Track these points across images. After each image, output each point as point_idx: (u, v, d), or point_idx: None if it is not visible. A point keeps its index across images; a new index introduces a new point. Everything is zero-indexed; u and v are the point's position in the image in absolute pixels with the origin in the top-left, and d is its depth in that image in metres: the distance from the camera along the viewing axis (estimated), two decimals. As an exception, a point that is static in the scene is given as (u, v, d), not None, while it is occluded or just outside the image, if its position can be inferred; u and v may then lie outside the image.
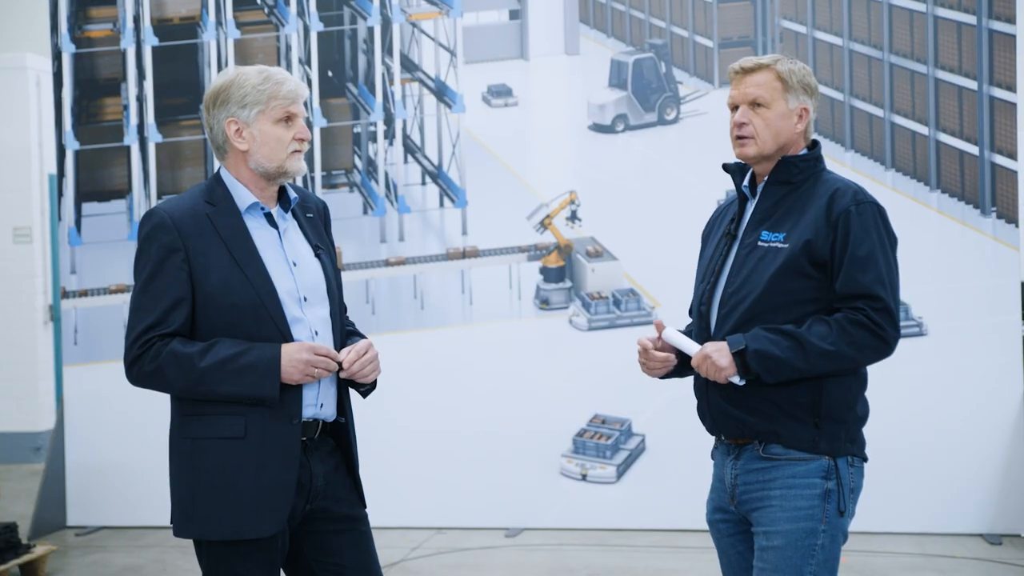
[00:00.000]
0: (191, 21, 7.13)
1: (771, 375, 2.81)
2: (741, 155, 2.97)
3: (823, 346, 2.78)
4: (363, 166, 7.02)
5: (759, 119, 2.93)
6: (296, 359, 2.78)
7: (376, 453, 6.75)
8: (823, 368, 2.81)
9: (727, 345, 2.84)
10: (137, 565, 6.13)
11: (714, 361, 2.83)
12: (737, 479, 2.94)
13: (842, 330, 2.80)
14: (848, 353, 2.80)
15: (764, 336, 2.81)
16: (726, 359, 2.82)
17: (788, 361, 2.78)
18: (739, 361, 2.81)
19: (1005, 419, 6.21)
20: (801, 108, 2.96)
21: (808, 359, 2.78)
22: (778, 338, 2.80)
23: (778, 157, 2.95)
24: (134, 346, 2.79)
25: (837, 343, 2.79)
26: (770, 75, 2.93)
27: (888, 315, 2.83)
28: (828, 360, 2.79)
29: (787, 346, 2.79)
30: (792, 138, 2.96)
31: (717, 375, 2.85)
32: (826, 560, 2.87)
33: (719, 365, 2.83)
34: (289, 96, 2.89)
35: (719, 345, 2.85)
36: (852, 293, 2.83)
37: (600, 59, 6.83)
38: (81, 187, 7.22)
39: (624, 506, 6.61)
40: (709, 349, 2.85)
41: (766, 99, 2.92)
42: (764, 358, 2.79)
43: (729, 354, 2.82)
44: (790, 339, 2.79)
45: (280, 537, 2.87)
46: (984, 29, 6.25)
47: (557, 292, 6.77)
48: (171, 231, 2.82)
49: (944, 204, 6.38)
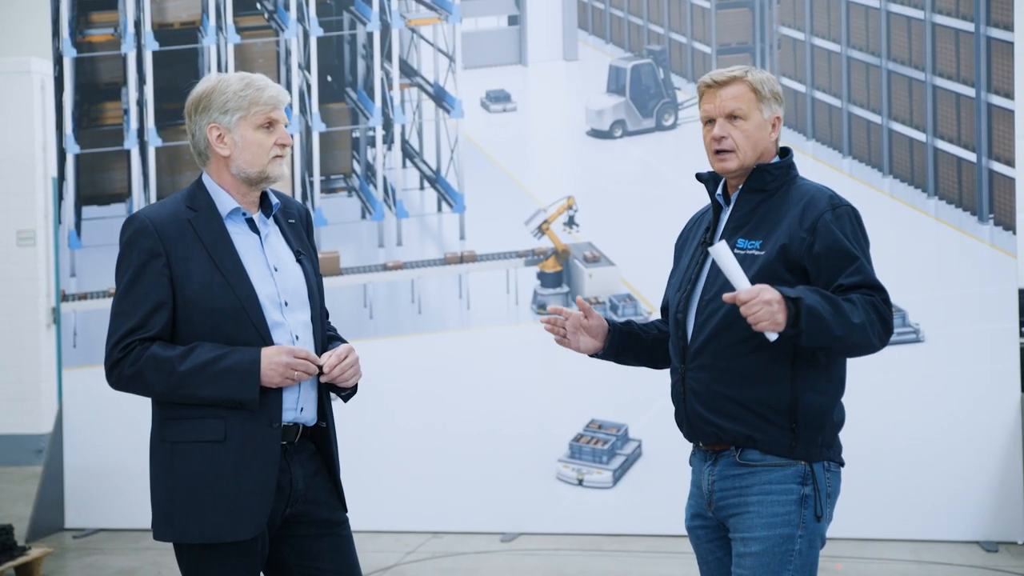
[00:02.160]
0: (192, 26, 7.16)
1: (812, 336, 2.68)
2: (722, 169, 2.95)
3: (853, 318, 2.71)
4: (362, 171, 7.04)
5: (738, 132, 2.92)
6: (275, 362, 2.79)
7: (373, 457, 6.79)
8: (847, 341, 2.71)
9: (781, 294, 2.66)
10: (133, 568, 6.15)
11: (772, 311, 2.65)
12: (714, 485, 2.94)
13: (865, 309, 2.73)
14: (867, 330, 2.72)
15: (810, 292, 2.70)
16: (783, 314, 2.66)
17: (829, 326, 2.67)
18: (791, 311, 2.67)
19: (1002, 426, 6.20)
20: (774, 117, 2.97)
21: (842, 327, 2.69)
22: (821, 300, 2.69)
23: (753, 167, 2.95)
24: (114, 350, 2.81)
25: (862, 318, 2.72)
26: (744, 87, 2.93)
27: (890, 306, 2.80)
28: (854, 333, 2.70)
29: (830, 309, 2.69)
30: (768, 148, 2.97)
31: (766, 324, 2.66)
32: (804, 565, 2.87)
33: (776, 319, 2.65)
34: (270, 102, 2.91)
35: (775, 294, 2.66)
36: (858, 283, 2.78)
37: (598, 65, 6.84)
38: (81, 191, 7.25)
39: (620, 511, 6.61)
40: (768, 295, 2.65)
41: (743, 111, 2.91)
42: (814, 316, 2.67)
43: (785, 308, 2.66)
44: (830, 303, 2.70)
45: (260, 541, 2.88)
46: (982, 36, 6.24)
47: (554, 297, 6.78)
48: (152, 236, 2.83)
49: (942, 211, 6.38)
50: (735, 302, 2.70)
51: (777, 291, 2.68)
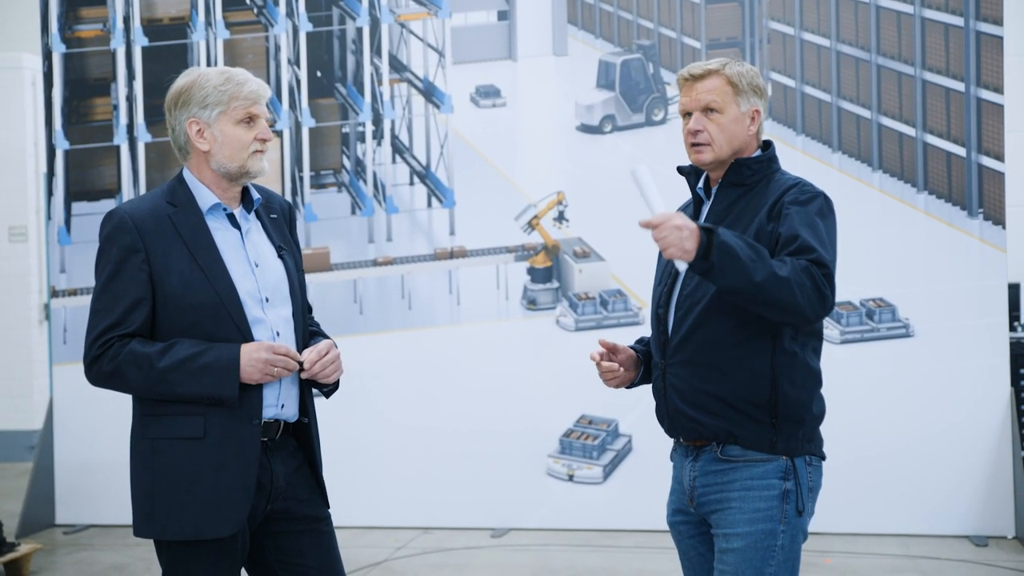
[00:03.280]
0: (181, 22, 7.15)
1: (723, 274, 2.64)
2: (697, 162, 2.96)
3: (777, 271, 2.65)
4: (351, 166, 7.03)
5: (713, 125, 2.92)
6: (255, 359, 2.79)
7: (363, 452, 6.79)
8: (766, 291, 2.65)
9: (696, 227, 2.64)
10: (123, 564, 6.15)
11: (681, 236, 2.62)
12: (696, 481, 2.94)
13: (794, 268, 2.68)
14: (793, 288, 2.66)
15: (732, 233, 2.68)
16: (692, 241, 2.62)
17: (745, 265, 2.63)
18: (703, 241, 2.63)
19: (992, 420, 6.20)
20: (753, 110, 2.96)
21: (762, 273, 2.63)
22: (743, 243, 2.66)
23: (732, 160, 2.95)
24: (93, 346, 2.80)
25: (790, 275, 2.66)
26: (720, 80, 2.93)
27: (831, 282, 2.73)
28: (776, 285, 2.64)
29: (749, 254, 2.65)
30: (746, 141, 2.96)
31: (675, 249, 2.64)
32: (786, 560, 2.87)
33: (684, 246, 2.62)
34: (251, 97, 2.90)
35: (688, 221, 2.64)
36: (799, 249, 2.73)
37: (588, 60, 6.83)
38: (71, 186, 7.24)
39: (610, 507, 6.61)
40: (679, 220, 2.64)
41: (719, 104, 2.92)
42: (726, 253, 2.62)
43: (697, 235, 2.62)
44: (753, 249, 2.66)
45: (240, 537, 2.88)
46: (971, 31, 6.24)
47: (544, 292, 6.77)
48: (131, 232, 2.82)
49: (931, 206, 6.37)
50: (648, 226, 2.67)
51: (692, 223, 2.65)
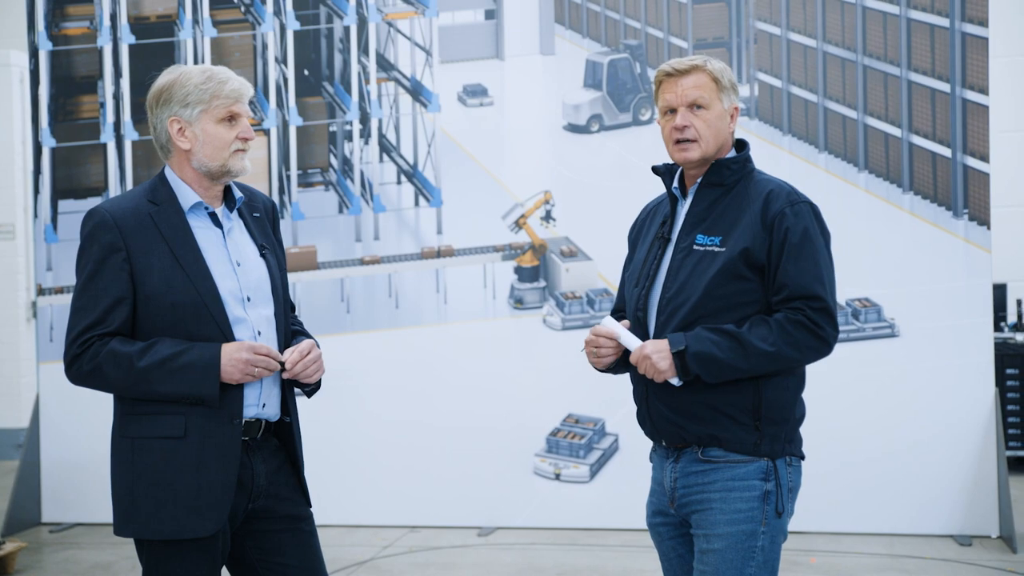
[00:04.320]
0: (168, 19, 7.14)
1: (711, 376, 2.80)
2: (684, 159, 2.93)
3: (764, 347, 2.77)
4: (339, 165, 7.03)
5: (700, 121, 2.90)
6: (235, 358, 2.79)
7: (350, 451, 6.79)
8: (764, 368, 2.81)
9: (668, 345, 2.82)
10: (108, 562, 6.14)
11: (654, 362, 2.82)
12: (677, 482, 2.94)
13: (783, 331, 2.79)
14: (788, 354, 2.80)
15: (706, 337, 2.79)
16: (666, 362, 2.81)
17: (729, 362, 2.78)
18: (679, 362, 2.80)
19: (976, 420, 6.22)
20: (733, 108, 2.95)
21: (749, 360, 2.78)
22: (719, 339, 2.78)
23: (713, 159, 2.94)
24: (73, 345, 2.80)
25: (777, 344, 2.78)
26: (705, 76, 2.91)
27: (827, 314, 2.82)
28: (769, 361, 2.79)
29: (728, 347, 2.78)
30: (727, 139, 2.96)
31: (656, 376, 2.84)
32: (766, 561, 2.88)
33: (659, 367, 2.82)
34: (232, 95, 2.89)
35: (659, 345, 2.83)
36: (791, 295, 2.82)
37: (575, 59, 6.84)
38: (58, 184, 7.22)
39: (597, 506, 6.62)
40: (649, 349, 2.83)
41: (706, 100, 2.90)
42: (704, 360, 2.78)
43: (670, 355, 2.81)
44: (731, 339, 2.78)
45: (221, 536, 2.88)
46: (957, 32, 6.26)
47: (531, 291, 6.78)
48: (112, 230, 2.82)
49: (916, 206, 6.39)
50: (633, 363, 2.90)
51: (663, 342, 2.83)
